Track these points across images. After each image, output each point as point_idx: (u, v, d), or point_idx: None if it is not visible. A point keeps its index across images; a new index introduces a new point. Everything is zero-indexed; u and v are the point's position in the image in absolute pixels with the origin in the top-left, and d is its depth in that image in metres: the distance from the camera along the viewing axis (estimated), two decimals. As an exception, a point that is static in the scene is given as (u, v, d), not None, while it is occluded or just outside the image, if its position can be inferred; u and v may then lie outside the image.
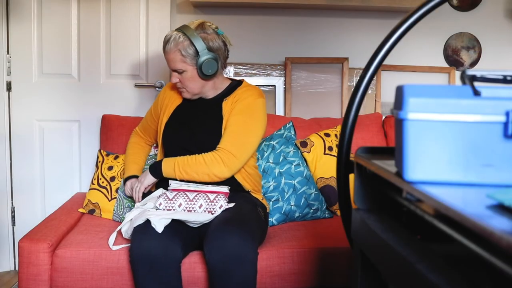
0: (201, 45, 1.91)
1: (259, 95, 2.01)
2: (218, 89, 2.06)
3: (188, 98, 2.05)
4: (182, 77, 1.97)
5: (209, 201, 1.81)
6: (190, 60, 1.93)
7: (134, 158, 2.19)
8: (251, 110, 1.97)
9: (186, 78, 1.96)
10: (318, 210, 2.23)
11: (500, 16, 2.86)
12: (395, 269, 0.89)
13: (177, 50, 1.91)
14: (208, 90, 2.03)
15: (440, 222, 0.81)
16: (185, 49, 1.91)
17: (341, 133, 1.26)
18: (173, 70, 1.97)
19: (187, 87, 1.99)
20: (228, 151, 1.90)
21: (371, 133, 2.51)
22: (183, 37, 1.91)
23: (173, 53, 1.92)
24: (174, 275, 1.66)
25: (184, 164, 1.90)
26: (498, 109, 0.83)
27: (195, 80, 1.97)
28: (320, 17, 2.81)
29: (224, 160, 1.89)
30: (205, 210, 1.80)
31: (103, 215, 2.21)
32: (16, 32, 2.62)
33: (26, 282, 1.80)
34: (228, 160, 1.89)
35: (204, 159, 1.90)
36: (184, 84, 1.98)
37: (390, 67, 2.80)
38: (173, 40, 1.92)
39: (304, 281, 1.85)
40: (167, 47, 1.93)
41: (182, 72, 1.95)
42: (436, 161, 0.85)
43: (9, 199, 2.71)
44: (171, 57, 1.94)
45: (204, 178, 1.90)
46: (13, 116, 2.68)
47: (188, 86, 1.98)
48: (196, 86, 1.99)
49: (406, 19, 1.17)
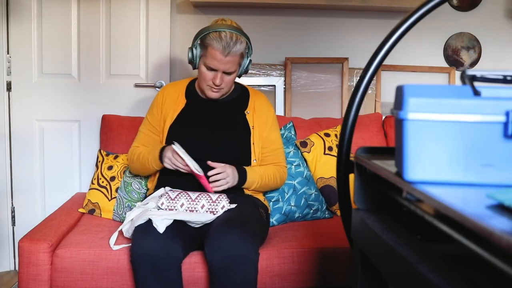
0: (250, 46, 1.96)
1: (270, 103, 2.15)
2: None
3: (216, 98, 2.00)
4: (228, 78, 1.93)
5: (211, 202, 1.81)
6: (242, 60, 1.95)
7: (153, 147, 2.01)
8: (276, 124, 2.12)
9: (231, 78, 1.95)
10: (318, 211, 2.23)
11: (500, 16, 2.86)
12: (395, 269, 0.89)
13: (241, 54, 1.90)
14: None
15: (440, 222, 0.81)
16: (245, 51, 1.92)
17: (341, 133, 1.26)
18: (224, 72, 1.90)
19: (227, 87, 1.98)
20: (283, 164, 2.09)
21: (371, 133, 2.51)
22: (244, 40, 1.89)
23: (238, 56, 1.88)
24: (175, 275, 1.66)
25: (265, 180, 1.98)
26: (498, 109, 0.83)
27: (233, 80, 1.99)
28: (320, 17, 2.81)
29: (285, 173, 2.10)
30: (207, 211, 1.80)
31: (103, 215, 2.21)
32: (16, 32, 2.62)
33: (26, 282, 1.80)
34: (285, 171, 2.10)
35: (280, 179, 2.06)
36: (226, 84, 1.95)
37: (390, 67, 2.80)
38: (239, 43, 1.85)
39: (304, 281, 1.85)
40: (234, 49, 1.84)
41: (231, 73, 1.92)
42: (436, 161, 0.85)
43: (9, 199, 2.71)
44: (232, 59, 1.86)
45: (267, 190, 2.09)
46: (13, 116, 2.68)
47: (228, 86, 1.98)
48: (231, 85, 2.03)
49: (406, 19, 1.17)
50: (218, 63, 1.87)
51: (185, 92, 2.10)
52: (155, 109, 2.08)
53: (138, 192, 2.19)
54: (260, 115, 2.06)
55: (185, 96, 2.08)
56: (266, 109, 2.08)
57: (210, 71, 1.91)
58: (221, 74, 1.90)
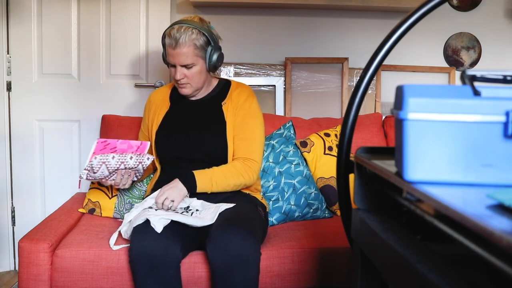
0: (211, 37, 1.92)
1: (253, 95, 2.06)
2: (209, 87, 2.07)
3: (187, 94, 2.00)
4: (190, 72, 1.93)
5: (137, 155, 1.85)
6: (202, 52, 1.92)
7: None
8: (254, 114, 2.01)
9: (194, 73, 1.93)
10: (318, 210, 2.23)
11: (500, 16, 2.86)
12: (395, 269, 0.89)
13: (192, 44, 1.88)
14: (204, 86, 2.03)
15: (440, 222, 0.81)
16: (199, 40, 1.89)
17: (341, 133, 1.26)
18: (182, 66, 1.91)
19: (193, 82, 1.95)
20: (251, 158, 1.94)
21: (371, 133, 2.51)
22: (195, 30, 1.88)
23: (187, 46, 1.87)
24: (173, 275, 1.66)
25: (221, 178, 1.88)
26: (498, 109, 0.83)
27: (202, 74, 1.96)
28: (320, 17, 2.81)
29: (252, 168, 1.93)
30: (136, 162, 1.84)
31: (103, 213, 2.21)
32: (16, 32, 2.62)
33: (26, 282, 1.80)
34: (255, 168, 1.95)
35: (240, 172, 1.91)
36: (191, 79, 1.94)
37: (390, 67, 2.80)
38: (186, 33, 1.86)
39: (304, 281, 1.85)
40: (181, 40, 1.85)
41: (191, 66, 1.92)
42: (436, 161, 0.85)
43: (9, 199, 2.71)
44: (183, 51, 1.87)
45: (234, 189, 1.93)
46: (13, 116, 2.68)
47: (194, 81, 1.95)
48: (201, 81, 1.98)
49: (406, 19, 1.17)
50: (172, 58, 1.90)
51: (170, 95, 2.11)
52: (146, 117, 2.13)
53: (139, 189, 2.20)
54: (235, 104, 2.01)
55: (170, 99, 2.09)
56: (244, 98, 2.01)
57: (173, 67, 1.94)
58: (180, 68, 1.91)
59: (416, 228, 1.03)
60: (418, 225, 1.02)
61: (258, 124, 2.01)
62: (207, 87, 2.06)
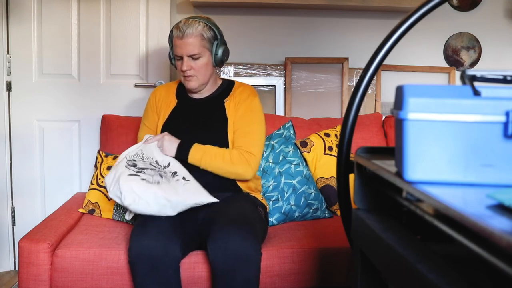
0: (218, 32, 1.97)
1: (256, 94, 2.08)
2: (214, 86, 2.08)
3: (193, 88, 2.01)
4: (196, 64, 1.96)
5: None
6: (209, 45, 1.95)
7: None
8: (255, 111, 2.02)
9: (201, 65, 1.96)
10: (318, 210, 2.23)
11: (500, 16, 2.86)
12: (395, 269, 0.89)
13: (199, 34, 1.92)
14: (210, 83, 2.06)
15: (440, 222, 0.81)
16: (206, 33, 1.93)
17: (341, 133, 1.26)
18: (189, 56, 1.94)
19: (200, 74, 1.98)
20: (250, 151, 1.94)
21: (371, 133, 2.51)
22: (201, 22, 1.94)
23: (194, 36, 1.91)
24: (173, 275, 1.66)
25: (211, 156, 1.89)
26: (498, 109, 0.83)
27: (208, 68, 1.99)
28: (320, 17, 2.81)
29: (249, 161, 1.92)
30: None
31: (103, 214, 2.21)
32: (16, 32, 2.62)
33: (26, 282, 1.80)
34: (252, 161, 1.93)
35: (231, 158, 1.90)
36: (198, 71, 1.97)
37: (390, 67, 2.80)
38: (193, 25, 1.92)
39: (304, 281, 1.85)
40: (188, 31, 1.91)
41: (198, 58, 1.95)
42: (436, 161, 0.85)
43: (9, 199, 2.71)
44: (190, 41, 1.91)
45: (226, 175, 1.92)
46: (13, 116, 2.68)
47: (200, 73, 1.98)
48: (207, 74, 2.00)
49: (406, 19, 1.17)
50: (179, 48, 1.94)
51: (176, 92, 2.12)
52: (150, 112, 2.12)
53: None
54: (237, 100, 2.03)
55: (176, 96, 2.11)
56: (246, 95, 2.04)
57: (179, 60, 1.97)
58: (187, 59, 1.94)
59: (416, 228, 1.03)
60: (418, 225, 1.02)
61: (259, 120, 2.02)
62: (212, 86, 2.08)
